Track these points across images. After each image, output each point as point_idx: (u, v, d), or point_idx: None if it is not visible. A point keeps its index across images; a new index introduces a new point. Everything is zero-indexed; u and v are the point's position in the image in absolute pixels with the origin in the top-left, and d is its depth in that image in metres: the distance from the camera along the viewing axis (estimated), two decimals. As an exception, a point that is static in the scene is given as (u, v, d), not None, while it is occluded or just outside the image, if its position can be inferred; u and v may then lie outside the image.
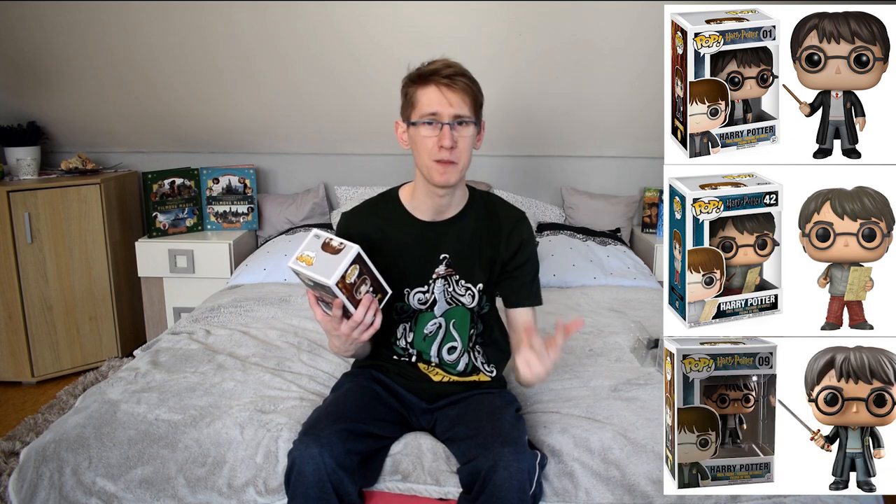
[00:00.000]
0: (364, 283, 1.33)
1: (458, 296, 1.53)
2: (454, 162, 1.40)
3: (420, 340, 1.55)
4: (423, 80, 1.40)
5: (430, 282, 1.52)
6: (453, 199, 1.52)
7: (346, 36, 2.73)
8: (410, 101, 1.42)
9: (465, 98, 1.39)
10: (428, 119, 1.39)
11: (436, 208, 1.51)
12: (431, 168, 1.41)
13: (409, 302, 1.52)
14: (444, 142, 1.38)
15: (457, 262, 1.52)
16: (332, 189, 3.27)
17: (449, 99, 1.38)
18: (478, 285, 1.54)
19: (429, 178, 1.43)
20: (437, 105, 1.38)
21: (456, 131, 1.39)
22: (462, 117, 1.39)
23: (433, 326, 1.54)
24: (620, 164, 3.27)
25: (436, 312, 1.54)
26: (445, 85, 1.38)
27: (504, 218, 1.56)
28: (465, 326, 1.55)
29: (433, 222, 1.52)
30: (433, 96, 1.38)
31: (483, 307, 1.57)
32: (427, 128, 1.39)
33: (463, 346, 1.56)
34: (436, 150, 1.39)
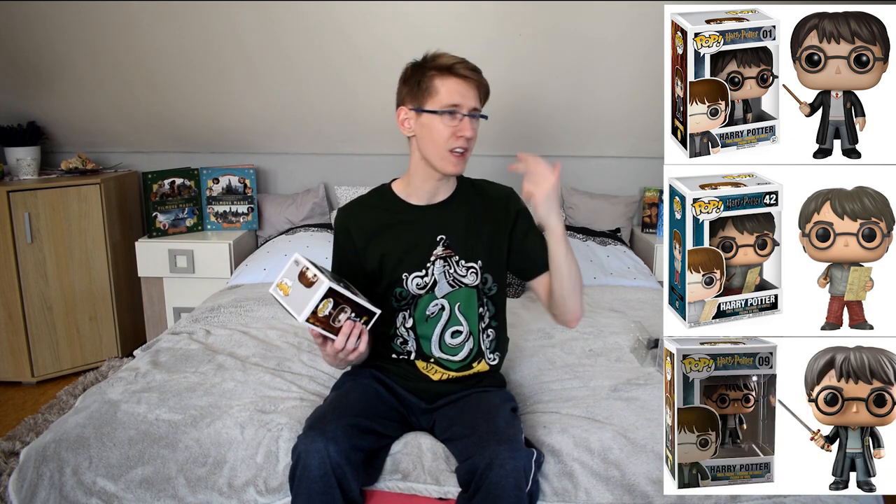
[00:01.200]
0: (343, 312, 1.34)
1: (460, 276, 1.54)
2: (467, 150, 1.47)
3: (421, 322, 1.55)
4: (442, 71, 1.44)
5: (428, 264, 1.53)
6: (448, 182, 1.57)
7: (349, 35, 2.72)
8: (427, 90, 1.45)
9: (479, 92, 1.47)
10: (450, 109, 1.43)
11: (430, 193, 1.55)
12: (444, 158, 1.46)
13: (408, 287, 1.53)
14: (467, 132, 1.44)
15: (454, 241, 1.54)
16: (332, 189, 3.27)
17: (470, 92, 1.44)
18: (478, 262, 1.55)
19: (440, 167, 1.48)
20: (458, 97, 1.43)
21: (472, 122, 1.45)
22: (477, 110, 1.47)
23: (435, 308, 1.54)
24: (620, 164, 3.27)
25: (437, 294, 1.54)
26: (466, 78, 1.44)
27: (494, 194, 1.61)
28: (472, 308, 1.56)
29: (427, 206, 1.56)
30: (455, 87, 1.43)
31: (490, 288, 1.57)
32: (448, 118, 1.43)
33: (470, 328, 1.56)
34: (453, 139, 1.44)
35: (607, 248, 2.89)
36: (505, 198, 1.61)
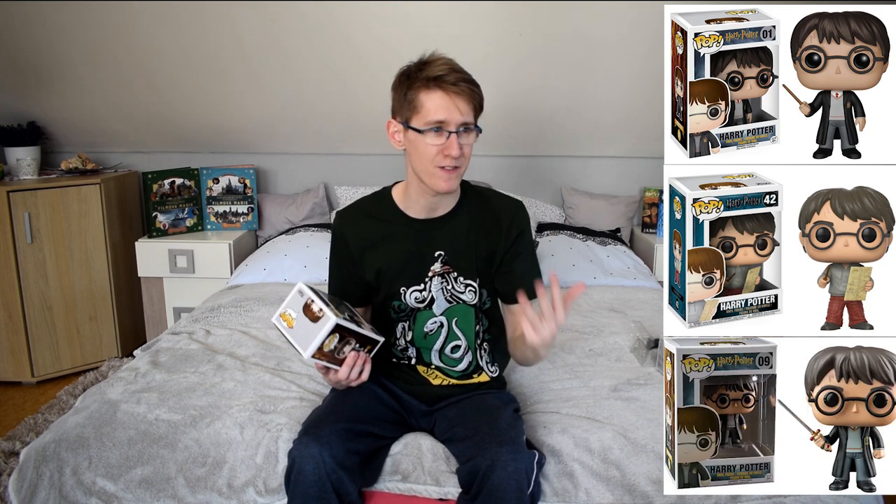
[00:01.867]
0: (347, 344, 1.32)
1: (458, 293, 1.52)
2: (458, 167, 1.39)
3: (420, 338, 1.55)
4: (427, 84, 1.35)
5: (426, 280, 1.51)
6: (447, 197, 1.50)
7: (349, 35, 2.72)
8: (412, 104, 1.37)
9: (469, 104, 1.37)
10: (435, 126, 1.35)
11: (429, 207, 1.49)
12: (434, 174, 1.38)
13: (406, 300, 1.52)
14: (453, 151, 1.35)
15: (453, 258, 1.51)
16: (332, 189, 3.27)
17: (458, 106, 1.35)
18: (476, 279, 1.53)
19: (430, 184, 1.40)
20: (444, 113, 1.34)
21: (461, 138, 1.36)
22: (468, 124, 1.37)
23: (433, 325, 1.54)
24: (620, 164, 3.27)
25: (435, 311, 1.53)
26: (454, 92, 1.34)
27: (501, 209, 1.53)
28: (469, 324, 1.55)
29: (427, 220, 1.51)
30: (440, 102, 1.34)
31: (485, 302, 1.56)
32: (433, 135, 1.35)
33: (468, 344, 1.55)
34: (441, 157, 1.36)
35: (607, 248, 2.89)
36: (511, 214, 1.52)
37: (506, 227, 1.52)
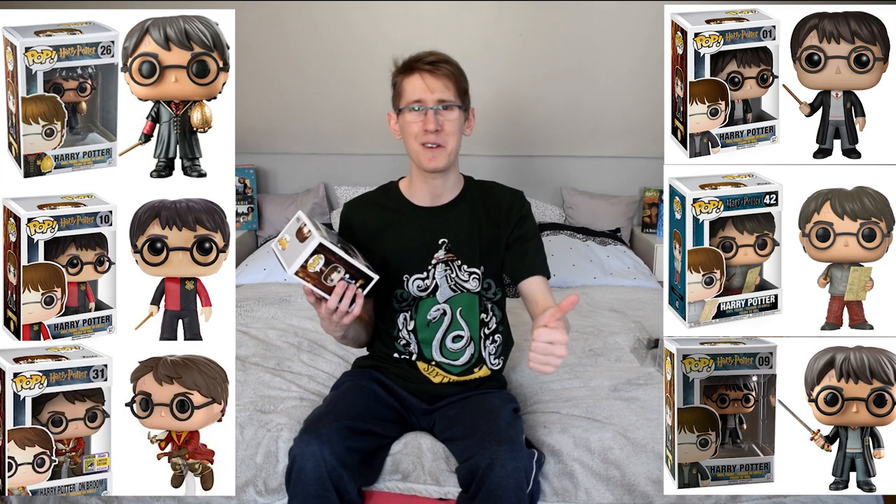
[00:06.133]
0: (336, 272, 1.31)
1: (462, 281, 1.53)
2: (441, 145, 1.45)
3: (423, 327, 1.55)
4: (407, 70, 1.46)
5: (429, 267, 1.53)
6: (448, 184, 1.55)
7: (351, 35, 2.73)
8: (398, 91, 1.48)
9: (447, 83, 1.45)
10: (413, 105, 1.44)
11: (432, 193, 1.55)
12: (420, 153, 1.46)
13: (409, 288, 1.52)
14: (429, 125, 1.43)
15: (457, 245, 1.53)
16: (332, 189, 3.27)
17: (431, 85, 1.44)
18: (480, 267, 1.54)
19: (419, 163, 1.48)
20: (420, 92, 1.44)
21: (441, 115, 1.44)
22: (446, 101, 1.45)
23: (437, 312, 1.54)
24: (620, 164, 3.27)
25: (438, 298, 1.53)
26: (428, 72, 1.44)
27: (502, 196, 1.60)
28: (473, 314, 1.55)
29: (431, 207, 1.56)
30: (417, 83, 1.44)
31: (495, 293, 1.57)
32: (412, 114, 1.45)
33: (471, 334, 1.55)
34: (422, 134, 1.44)
35: (607, 248, 2.89)
36: (511, 200, 1.59)
37: (506, 211, 1.57)
